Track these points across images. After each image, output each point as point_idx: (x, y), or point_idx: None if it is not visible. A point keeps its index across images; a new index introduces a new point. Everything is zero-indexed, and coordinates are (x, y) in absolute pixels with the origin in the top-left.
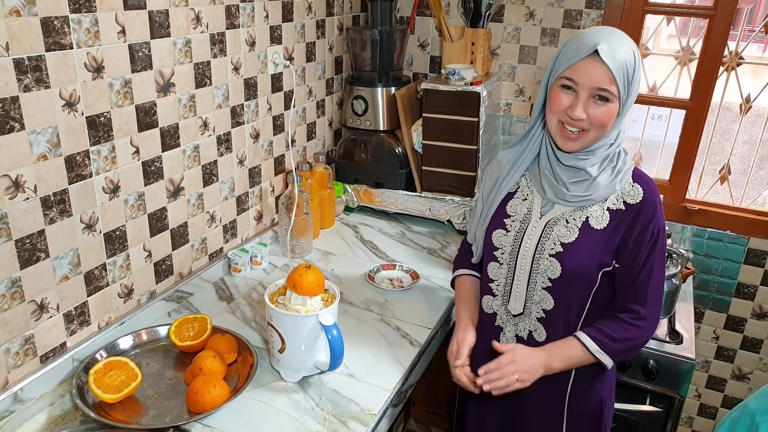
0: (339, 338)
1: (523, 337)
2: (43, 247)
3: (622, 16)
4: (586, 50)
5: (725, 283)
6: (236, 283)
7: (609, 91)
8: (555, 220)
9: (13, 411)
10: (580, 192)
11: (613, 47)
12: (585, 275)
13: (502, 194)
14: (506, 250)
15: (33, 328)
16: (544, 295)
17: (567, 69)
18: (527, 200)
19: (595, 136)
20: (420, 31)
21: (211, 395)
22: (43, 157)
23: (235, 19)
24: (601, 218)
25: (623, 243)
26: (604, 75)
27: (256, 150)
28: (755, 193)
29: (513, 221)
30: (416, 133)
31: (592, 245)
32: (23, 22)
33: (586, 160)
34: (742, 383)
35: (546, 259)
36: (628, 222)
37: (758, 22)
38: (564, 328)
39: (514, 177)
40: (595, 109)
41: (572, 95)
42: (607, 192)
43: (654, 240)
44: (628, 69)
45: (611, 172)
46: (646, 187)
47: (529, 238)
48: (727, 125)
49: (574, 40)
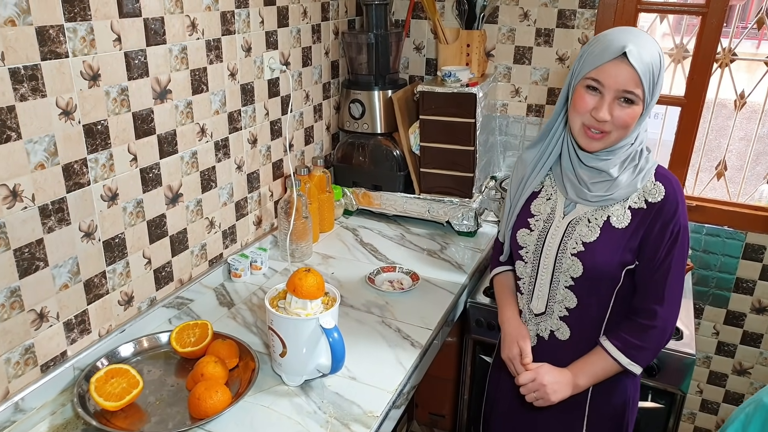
0: (340, 341)
1: (544, 336)
2: (42, 255)
3: (616, 15)
4: (614, 52)
5: (724, 278)
6: (236, 289)
7: (635, 94)
8: (577, 219)
9: (14, 421)
10: (602, 192)
11: (641, 49)
12: (607, 273)
13: (526, 193)
14: (530, 249)
15: (33, 338)
16: (567, 294)
17: (593, 70)
18: (551, 200)
19: (618, 137)
20: (415, 34)
21: (213, 401)
22: (41, 166)
23: (231, 25)
24: (622, 217)
25: (644, 241)
26: (630, 77)
27: (254, 155)
28: (752, 189)
29: (537, 220)
30: (413, 136)
31: (614, 244)
32: (18, 31)
33: (608, 160)
34: (743, 378)
35: (568, 258)
36: (650, 220)
37: (751, 18)
38: (589, 326)
39: (539, 176)
40: (619, 110)
41: (597, 96)
42: (629, 191)
43: (674, 239)
44: (654, 71)
45: (633, 171)
46: (669, 186)
47: (552, 238)
48: (722, 122)
49: (599, 40)
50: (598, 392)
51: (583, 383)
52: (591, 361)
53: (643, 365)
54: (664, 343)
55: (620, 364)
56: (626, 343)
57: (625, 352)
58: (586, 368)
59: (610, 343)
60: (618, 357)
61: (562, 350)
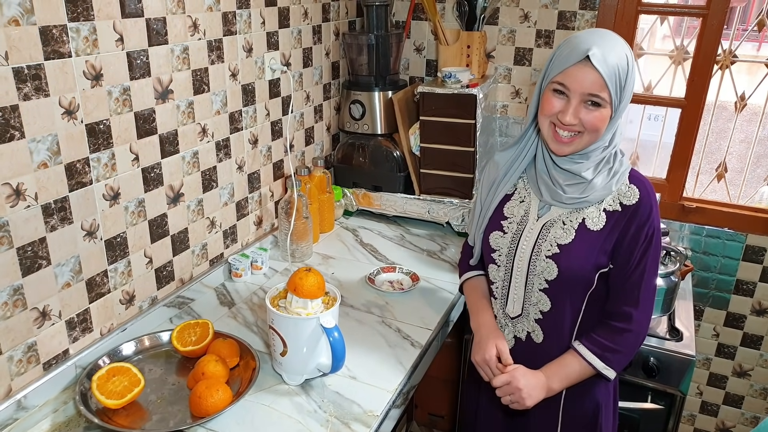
0: (340, 340)
1: (521, 338)
2: (45, 254)
3: (616, 17)
4: (578, 55)
5: (724, 280)
6: (237, 288)
7: (600, 97)
8: (552, 221)
9: (16, 419)
10: (577, 194)
11: (606, 52)
12: (581, 276)
13: (499, 196)
14: (503, 252)
15: (35, 336)
16: (541, 297)
17: (559, 74)
18: (524, 202)
19: (588, 140)
20: (416, 35)
21: (214, 399)
22: (44, 164)
23: (232, 25)
24: (597, 219)
25: (619, 243)
26: (595, 81)
27: (254, 155)
28: (752, 191)
29: (510, 223)
30: (414, 137)
31: (589, 246)
32: (22, 31)
33: (581, 164)
34: (743, 380)
35: (543, 261)
36: (624, 223)
37: (751, 20)
38: (562, 329)
39: (512, 179)
40: (586, 114)
41: (564, 100)
42: (604, 193)
43: (648, 241)
44: (620, 74)
45: (608, 174)
46: (643, 189)
47: (526, 240)
48: (723, 124)
49: (566, 43)
50: (571, 395)
51: (557, 387)
52: (564, 364)
53: (618, 370)
54: (638, 347)
55: (594, 368)
56: (601, 347)
57: (600, 357)
58: (560, 371)
59: (584, 347)
60: (593, 361)
61: (538, 351)
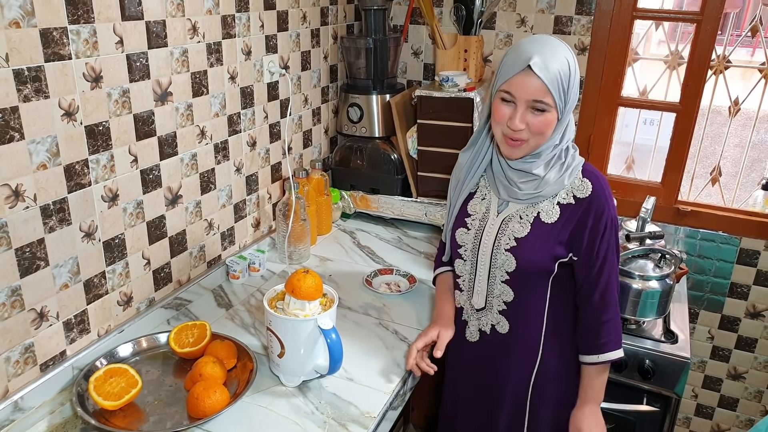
0: (338, 342)
1: (486, 331)
2: (43, 255)
3: (612, 22)
4: (520, 65)
5: (719, 283)
6: (235, 290)
7: (545, 102)
8: (510, 217)
9: (13, 420)
10: (531, 190)
11: (546, 59)
12: (540, 266)
13: (464, 195)
14: (468, 247)
15: (33, 337)
16: (504, 288)
17: (504, 83)
18: (485, 200)
19: (536, 143)
20: (413, 39)
21: (212, 401)
22: (43, 166)
23: (231, 28)
24: (551, 212)
25: (578, 236)
26: (538, 87)
27: (253, 158)
28: (746, 195)
29: (473, 220)
30: (411, 140)
31: (544, 238)
32: (23, 33)
33: (533, 162)
34: (737, 383)
35: (502, 254)
36: (580, 215)
37: (745, 26)
38: (527, 318)
39: (474, 178)
40: (532, 118)
41: (512, 107)
42: (557, 188)
43: (608, 230)
44: (562, 79)
45: (560, 169)
46: (596, 181)
47: (487, 235)
48: (717, 128)
49: (510, 53)
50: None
51: (602, 395)
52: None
53: (620, 346)
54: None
55: (609, 362)
56: (600, 345)
57: (604, 353)
58: (594, 385)
59: (590, 356)
60: (604, 359)
61: (502, 343)
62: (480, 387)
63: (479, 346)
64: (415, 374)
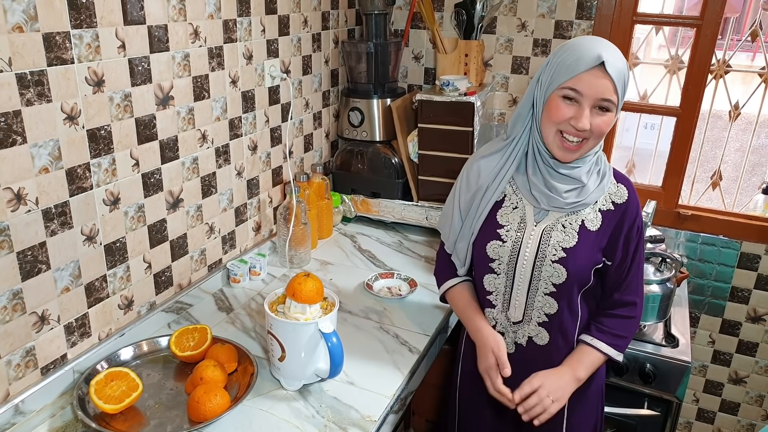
0: (339, 345)
1: (522, 344)
2: (45, 258)
3: (612, 27)
4: (591, 62)
5: (719, 287)
6: (235, 294)
7: (611, 101)
8: (551, 226)
9: (14, 423)
10: (574, 198)
11: (615, 58)
12: (585, 275)
13: (490, 204)
14: (504, 260)
15: (34, 340)
16: (547, 300)
17: (570, 80)
18: (518, 208)
19: (593, 144)
20: (414, 44)
21: (212, 404)
22: (45, 169)
23: (233, 33)
24: (595, 220)
25: (614, 241)
26: (608, 86)
27: (254, 162)
28: (746, 199)
29: (507, 231)
30: (412, 144)
31: (590, 246)
32: (26, 37)
33: (580, 168)
34: (739, 387)
35: (549, 266)
36: (617, 220)
37: (745, 31)
38: (565, 327)
39: (500, 186)
40: (597, 118)
41: (575, 106)
42: (598, 194)
43: (639, 235)
44: (625, 78)
45: (597, 175)
46: (630, 186)
47: (528, 247)
48: (718, 133)
49: (571, 50)
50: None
51: (584, 375)
52: (582, 355)
53: (624, 352)
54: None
55: (609, 357)
56: (612, 336)
57: (613, 345)
58: (583, 360)
59: (597, 339)
60: (607, 351)
61: (541, 354)
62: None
63: (514, 358)
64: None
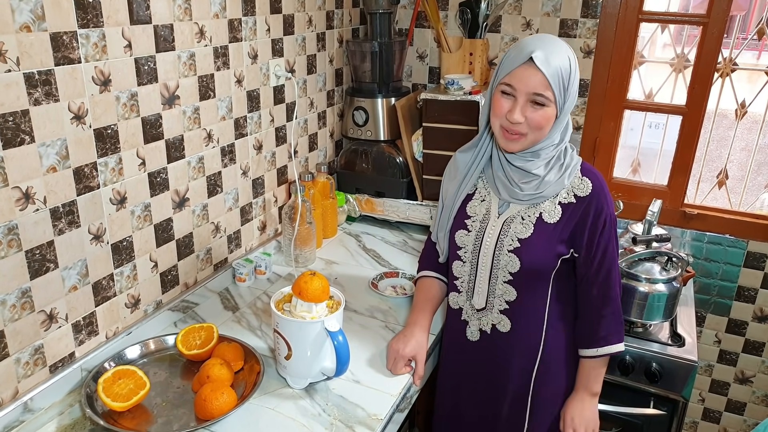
0: (345, 344)
1: (486, 330)
2: (53, 257)
3: (617, 25)
4: (523, 57)
5: (726, 286)
6: (241, 293)
7: (545, 96)
8: (512, 218)
9: (23, 421)
10: (532, 190)
11: (548, 54)
12: (543, 266)
13: (462, 196)
14: (469, 249)
15: (42, 338)
16: (506, 288)
17: (506, 75)
18: (485, 201)
19: (534, 137)
20: (419, 43)
21: (219, 402)
22: (53, 169)
23: (238, 32)
24: (553, 212)
25: (579, 233)
26: (539, 81)
27: (259, 161)
28: (753, 198)
29: (473, 221)
30: (416, 143)
31: (547, 238)
32: (34, 37)
33: (532, 162)
34: (745, 387)
35: (506, 255)
36: (581, 213)
37: (751, 29)
38: (529, 316)
39: (472, 179)
40: (532, 112)
41: (512, 100)
42: (557, 188)
43: (607, 227)
44: (563, 74)
45: (559, 169)
46: (595, 180)
47: (489, 237)
48: (724, 132)
49: (513, 48)
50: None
51: (598, 388)
52: (588, 370)
53: (622, 340)
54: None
55: (609, 356)
56: (601, 337)
57: (603, 346)
58: (591, 374)
59: (591, 350)
60: (605, 352)
61: (504, 341)
62: (482, 384)
63: (480, 345)
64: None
